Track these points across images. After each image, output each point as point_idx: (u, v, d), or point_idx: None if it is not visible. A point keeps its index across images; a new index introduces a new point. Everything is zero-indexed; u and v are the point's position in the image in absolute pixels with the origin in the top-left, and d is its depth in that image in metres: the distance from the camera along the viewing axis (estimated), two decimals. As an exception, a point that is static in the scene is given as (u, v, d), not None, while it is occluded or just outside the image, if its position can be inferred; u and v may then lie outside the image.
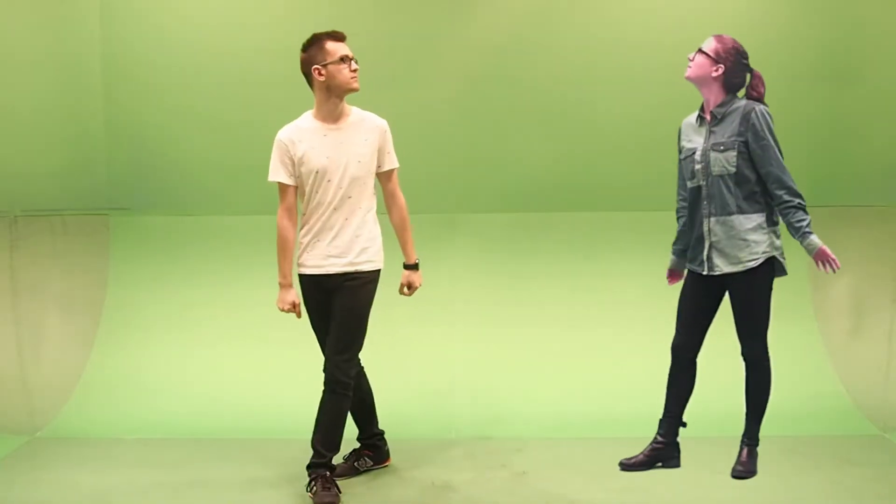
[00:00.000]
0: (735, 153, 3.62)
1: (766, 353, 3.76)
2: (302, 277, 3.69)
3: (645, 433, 3.97)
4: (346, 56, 3.58)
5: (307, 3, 4.98)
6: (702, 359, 3.88)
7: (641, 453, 3.93)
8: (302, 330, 3.79)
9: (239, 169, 4.97)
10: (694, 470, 3.89)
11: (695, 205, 3.78)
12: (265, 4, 4.94)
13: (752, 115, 3.60)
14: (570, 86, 4.99)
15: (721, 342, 3.89)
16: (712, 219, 3.69)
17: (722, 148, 3.63)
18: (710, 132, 3.69)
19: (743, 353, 3.78)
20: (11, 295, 4.97)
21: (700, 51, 3.68)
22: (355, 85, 3.60)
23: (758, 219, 3.65)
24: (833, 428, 4.42)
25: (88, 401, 4.70)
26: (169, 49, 4.96)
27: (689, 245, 3.87)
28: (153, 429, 4.50)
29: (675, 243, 3.99)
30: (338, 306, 3.61)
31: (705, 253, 3.73)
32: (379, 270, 3.67)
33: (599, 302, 5.01)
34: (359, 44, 4.91)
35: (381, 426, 4.02)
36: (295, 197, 3.67)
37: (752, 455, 3.86)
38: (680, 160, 3.87)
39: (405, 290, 3.84)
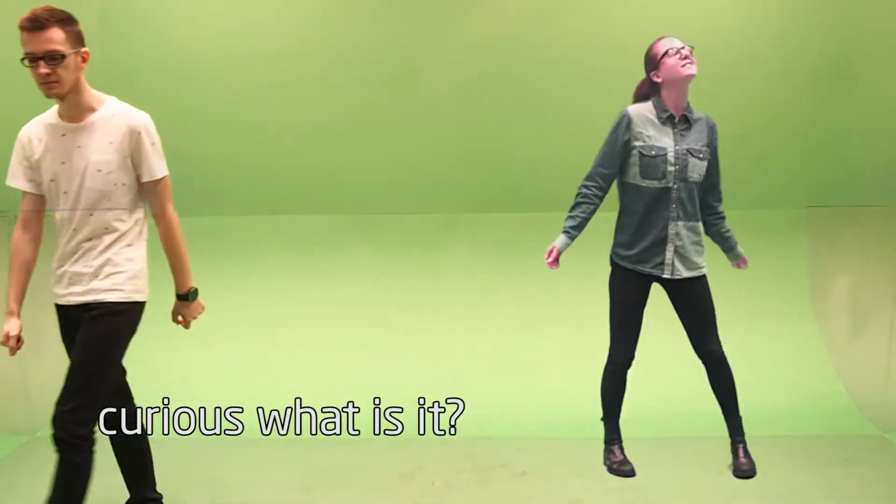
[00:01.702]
0: (706, 163, 3.68)
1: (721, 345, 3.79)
2: (56, 308, 3.03)
3: (645, 433, 3.98)
4: (31, 54, 2.81)
5: (307, 4, 4.98)
6: (697, 359, 3.88)
7: (623, 455, 3.88)
8: (303, 330, 3.78)
9: (239, 169, 4.97)
10: (694, 470, 3.89)
11: (655, 206, 3.65)
12: (265, 6, 4.94)
13: (715, 128, 3.72)
14: (570, 86, 4.98)
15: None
16: (680, 223, 3.67)
17: (701, 156, 3.65)
18: (680, 135, 3.65)
19: (705, 353, 3.76)
20: (11, 295, 4.95)
21: (692, 50, 3.59)
22: (47, 92, 2.84)
23: (703, 225, 3.79)
24: (833, 428, 4.42)
25: (88, 401, 4.69)
26: (169, 49, 4.95)
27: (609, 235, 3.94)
28: (153, 428, 4.49)
29: (575, 227, 3.75)
30: (76, 345, 2.92)
31: (668, 257, 3.68)
32: (132, 302, 2.99)
33: (599, 302, 4.99)
34: (358, 44, 4.97)
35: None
36: (36, 206, 2.98)
37: (748, 452, 3.86)
38: (641, 154, 3.61)
39: (178, 318, 3.24)
